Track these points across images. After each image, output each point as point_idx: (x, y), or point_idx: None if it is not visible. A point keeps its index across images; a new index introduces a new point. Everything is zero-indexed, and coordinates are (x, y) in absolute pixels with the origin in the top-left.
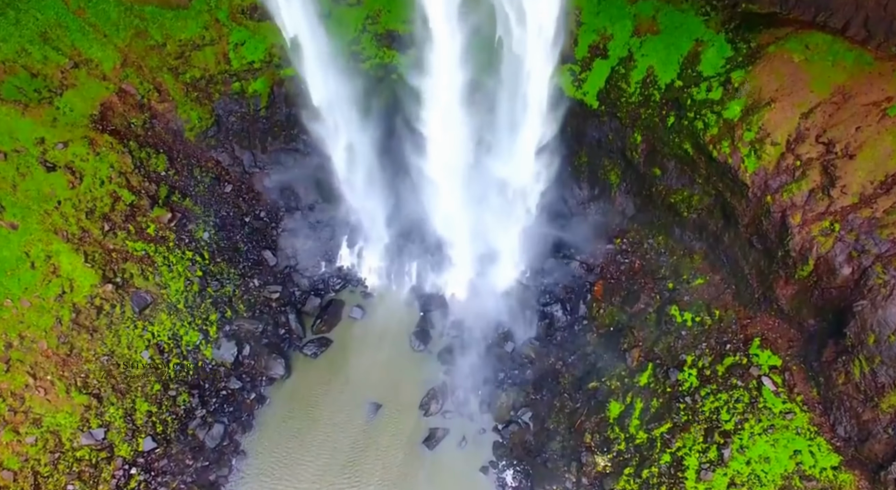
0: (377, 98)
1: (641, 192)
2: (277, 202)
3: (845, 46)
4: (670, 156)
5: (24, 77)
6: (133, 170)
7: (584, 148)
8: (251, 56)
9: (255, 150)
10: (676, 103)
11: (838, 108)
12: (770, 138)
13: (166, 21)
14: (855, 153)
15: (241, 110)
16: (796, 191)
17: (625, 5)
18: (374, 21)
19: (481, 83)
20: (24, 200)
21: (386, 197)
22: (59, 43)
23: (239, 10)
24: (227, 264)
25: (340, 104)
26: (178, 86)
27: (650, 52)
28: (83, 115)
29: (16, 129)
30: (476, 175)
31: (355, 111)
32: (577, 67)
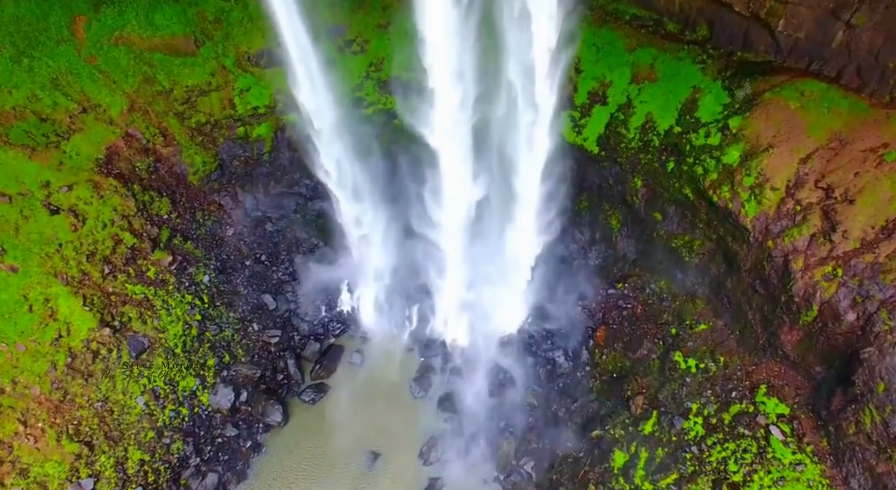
0: (379, 143)
1: (643, 237)
2: (279, 246)
3: (840, 94)
4: (671, 201)
5: (34, 122)
6: (136, 213)
7: (585, 193)
8: (256, 101)
9: (257, 194)
10: (676, 149)
11: (836, 153)
12: (769, 183)
13: (174, 68)
14: (854, 198)
15: (244, 154)
16: (797, 235)
17: (623, 54)
18: (378, 68)
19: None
20: (25, 243)
21: (387, 241)
22: (69, 89)
23: (245, 58)
24: (226, 308)
25: (342, 149)
26: (183, 130)
27: (648, 99)
28: (89, 158)
29: (22, 172)
30: (478, 220)
31: (357, 156)
32: (577, 114)
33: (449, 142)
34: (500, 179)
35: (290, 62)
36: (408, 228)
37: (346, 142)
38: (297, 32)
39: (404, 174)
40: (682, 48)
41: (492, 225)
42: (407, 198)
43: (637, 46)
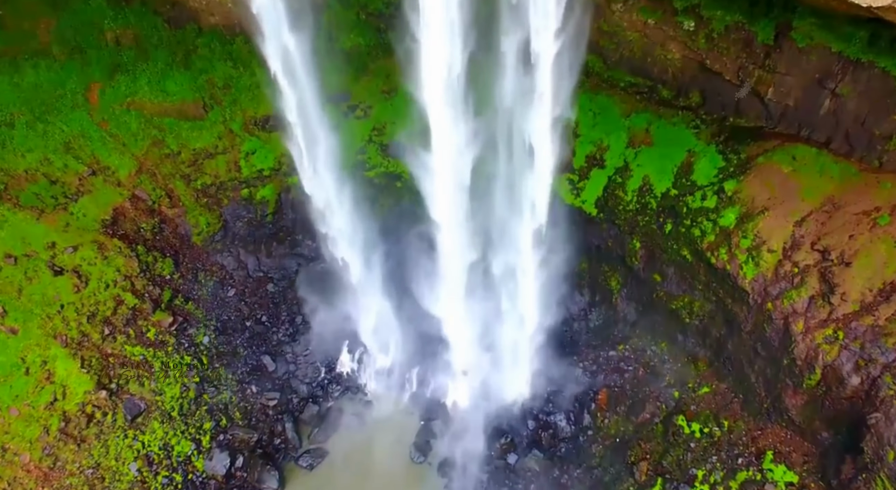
0: (381, 205)
1: (642, 299)
2: (280, 306)
3: (830, 158)
4: (669, 262)
5: (44, 184)
6: (139, 273)
7: (584, 254)
8: (261, 164)
9: (259, 255)
10: (673, 211)
11: (830, 216)
12: (766, 245)
13: (182, 131)
14: (851, 261)
15: (248, 215)
16: (796, 298)
17: (619, 119)
18: (380, 132)
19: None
20: (27, 304)
21: (389, 303)
22: (80, 152)
23: (252, 122)
24: (225, 370)
25: (345, 211)
26: (188, 192)
27: (645, 163)
28: (95, 219)
29: (29, 234)
30: (479, 282)
31: (359, 218)
32: (576, 177)
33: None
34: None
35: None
36: (409, 291)
37: (348, 204)
38: (303, 99)
39: (406, 237)
40: (676, 114)
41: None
42: (408, 261)
43: (632, 112)
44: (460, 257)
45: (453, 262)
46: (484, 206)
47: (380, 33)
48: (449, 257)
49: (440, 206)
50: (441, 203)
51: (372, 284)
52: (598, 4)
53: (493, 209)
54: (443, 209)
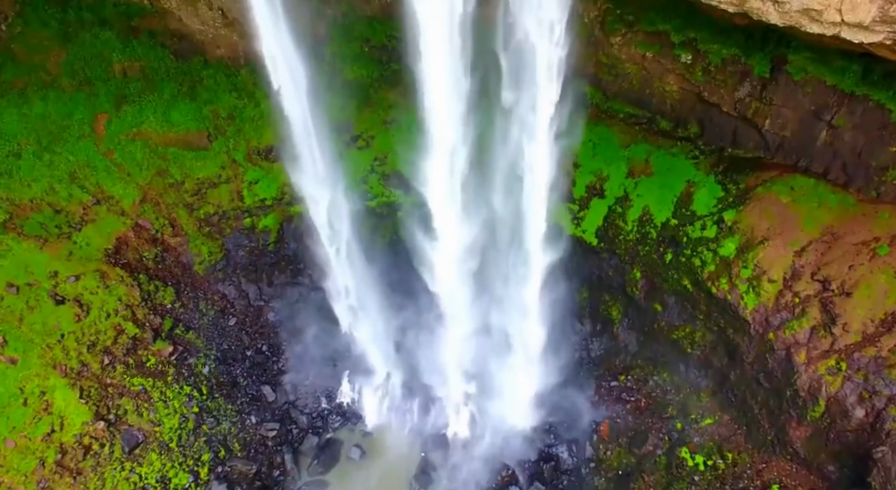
0: (382, 234)
1: (643, 328)
2: (280, 336)
3: (828, 189)
4: (670, 292)
5: (49, 213)
6: (140, 302)
7: (585, 284)
8: (263, 193)
9: (261, 284)
10: (673, 241)
11: (829, 246)
12: (766, 275)
13: (187, 161)
14: (851, 291)
15: (250, 244)
16: (798, 328)
17: (618, 149)
18: (382, 162)
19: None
20: (28, 334)
21: (389, 332)
22: (85, 181)
23: (255, 152)
24: (224, 400)
25: (347, 239)
26: (191, 221)
27: (645, 193)
28: (98, 249)
29: (32, 263)
30: (479, 312)
31: (361, 246)
32: (576, 206)
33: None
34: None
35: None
36: (410, 321)
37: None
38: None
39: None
40: (675, 144)
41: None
42: (409, 291)
43: (632, 142)
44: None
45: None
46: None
47: (382, 65)
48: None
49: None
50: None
51: (372, 313)
52: (597, 38)
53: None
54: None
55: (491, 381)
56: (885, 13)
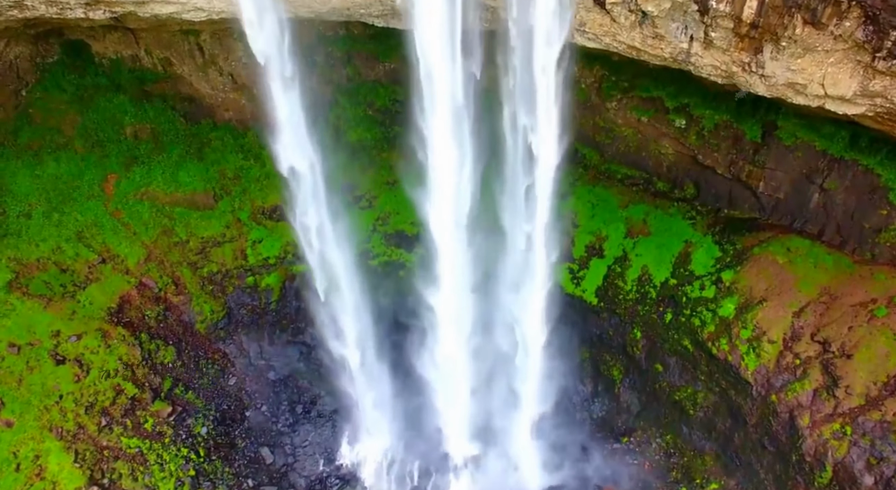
0: (384, 293)
1: (645, 389)
2: (280, 395)
3: (824, 250)
4: (671, 352)
5: (54, 272)
6: (140, 362)
7: (586, 344)
8: (267, 252)
9: (262, 343)
10: (672, 301)
11: (827, 307)
12: (766, 336)
13: (192, 220)
14: (852, 353)
15: (252, 303)
16: (800, 390)
17: (617, 210)
18: (384, 222)
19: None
20: (26, 395)
21: (390, 393)
22: (92, 241)
23: (260, 211)
24: (222, 462)
25: (349, 298)
26: (194, 279)
27: (643, 253)
28: (101, 308)
29: (35, 322)
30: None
31: (363, 305)
32: (576, 266)
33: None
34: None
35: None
36: (411, 381)
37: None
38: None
39: (407, 326)
40: (672, 205)
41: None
42: (410, 352)
43: (630, 203)
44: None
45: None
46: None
47: (385, 127)
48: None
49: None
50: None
51: (373, 374)
52: (593, 102)
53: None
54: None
55: (493, 442)
56: (866, 88)
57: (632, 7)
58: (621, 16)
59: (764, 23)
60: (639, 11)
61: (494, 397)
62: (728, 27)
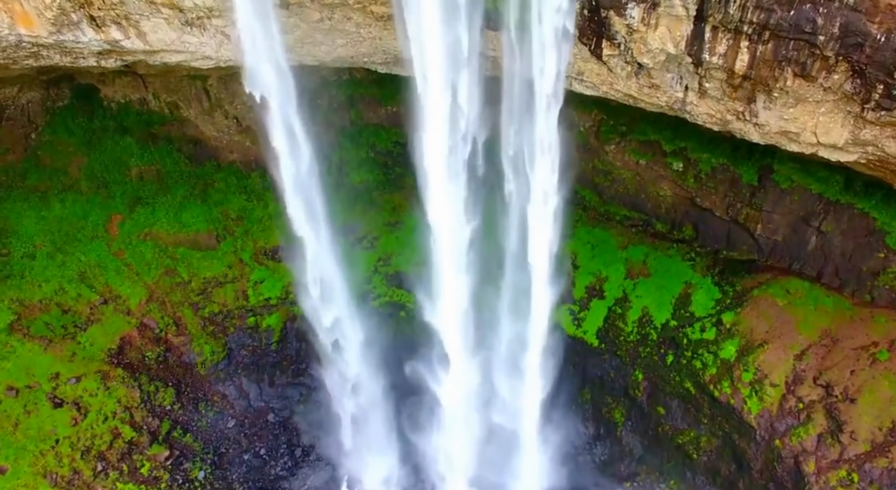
0: (385, 333)
1: (647, 432)
2: (279, 438)
3: (823, 292)
4: (673, 394)
5: (56, 314)
6: (139, 404)
7: (587, 385)
8: (268, 293)
9: (262, 384)
10: (673, 342)
11: (829, 350)
12: (769, 379)
13: (194, 260)
14: (855, 397)
15: (253, 344)
16: (804, 435)
17: (616, 251)
18: (386, 263)
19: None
20: (22, 440)
21: (390, 435)
22: (95, 281)
23: (262, 252)
24: None
25: (349, 340)
26: (196, 320)
27: (644, 294)
28: (102, 349)
29: (34, 364)
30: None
31: (363, 346)
32: (576, 307)
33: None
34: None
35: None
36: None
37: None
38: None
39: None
40: (671, 246)
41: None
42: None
43: (629, 244)
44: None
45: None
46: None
47: (387, 169)
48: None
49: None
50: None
51: (374, 415)
52: (592, 145)
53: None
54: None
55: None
56: (857, 137)
57: (628, 59)
58: (618, 67)
59: (756, 75)
60: (634, 63)
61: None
62: (721, 78)
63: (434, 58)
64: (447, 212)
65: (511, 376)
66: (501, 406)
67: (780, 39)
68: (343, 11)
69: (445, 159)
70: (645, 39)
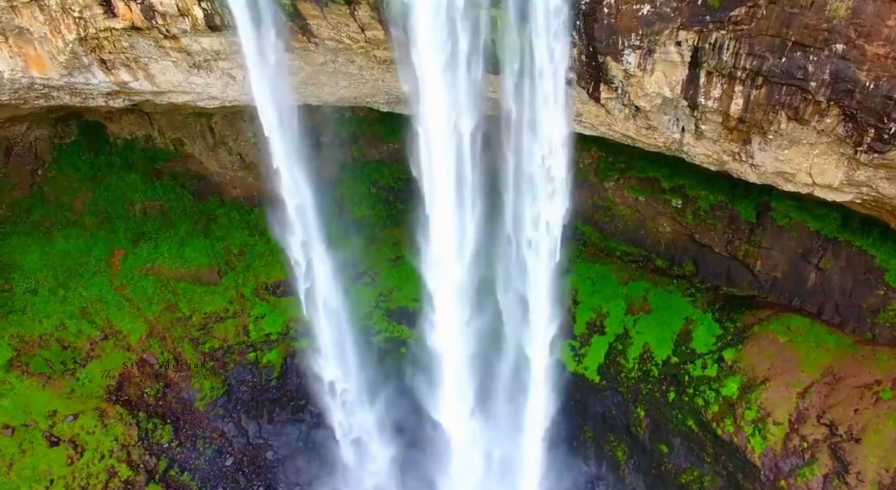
0: (385, 369)
1: (650, 471)
2: (278, 476)
3: (824, 329)
4: (675, 432)
5: (56, 350)
6: (136, 442)
7: (589, 422)
8: (269, 328)
9: (261, 421)
10: (675, 379)
11: (832, 388)
12: (772, 417)
13: (196, 295)
14: (860, 437)
15: (252, 380)
16: (810, 475)
17: (617, 286)
18: (387, 298)
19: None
20: (16, 481)
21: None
22: (96, 316)
23: (263, 287)
24: None
25: (350, 376)
26: (196, 355)
27: (644, 330)
28: (100, 385)
29: (32, 402)
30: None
31: (364, 383)
32: (577, 343)
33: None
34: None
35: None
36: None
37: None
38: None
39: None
40: (671, 282)
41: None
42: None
43: (630, 279)
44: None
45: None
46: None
47: (388, 205)
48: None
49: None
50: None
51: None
52: (591, 182)
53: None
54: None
55: None
56: (851, 178)
57: (625, 102)
58: (615, 109)
59: (750, 118)
60: (632, 106)
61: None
62: (717, 121)
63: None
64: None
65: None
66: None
67: (773, 85)
68: (347, 55)
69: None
70: (641, 84)
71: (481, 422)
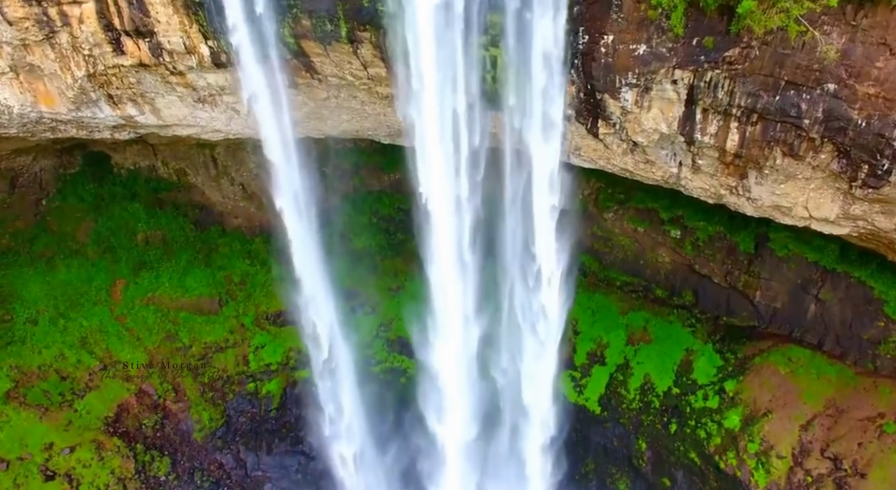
0: (385, 399)
1: None
2: None
3: (825, 360)
4: (678, 465)
5: (54, 381)
6: (133, 475)
7: (591, 454)
8: (269, 358)
9: (259, 452)
10: (676, 411)
11: (835, 421)
12: (775, 451)
13: (196, 325)
14: (865, 472)
15: (252, 410)
16: None
17: (617, 316)
18: (387, 328)
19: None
20: None
21: None
22: (95, 347)
23: (264, 317)
24: None
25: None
26: (195, 386)
27: (645, 360)
28: (98, 417)
29: (28, 434)
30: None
31: (364, 412)
32: (578, 373)
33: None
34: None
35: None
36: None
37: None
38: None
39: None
40: (671, 312)
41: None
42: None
43: (630, 309)
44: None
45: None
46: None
47: (389, 235)
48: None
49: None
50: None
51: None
52: (591, 212)
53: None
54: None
55: None
56: (847, 212)
57: (623, 137)
58: (614, 144)
59: (746, 153)
60: (630, 141)
61: None
62: (714, 156)
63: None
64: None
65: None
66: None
67: (768, 122)
68: (349, 91)
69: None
70: (639, 120)
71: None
